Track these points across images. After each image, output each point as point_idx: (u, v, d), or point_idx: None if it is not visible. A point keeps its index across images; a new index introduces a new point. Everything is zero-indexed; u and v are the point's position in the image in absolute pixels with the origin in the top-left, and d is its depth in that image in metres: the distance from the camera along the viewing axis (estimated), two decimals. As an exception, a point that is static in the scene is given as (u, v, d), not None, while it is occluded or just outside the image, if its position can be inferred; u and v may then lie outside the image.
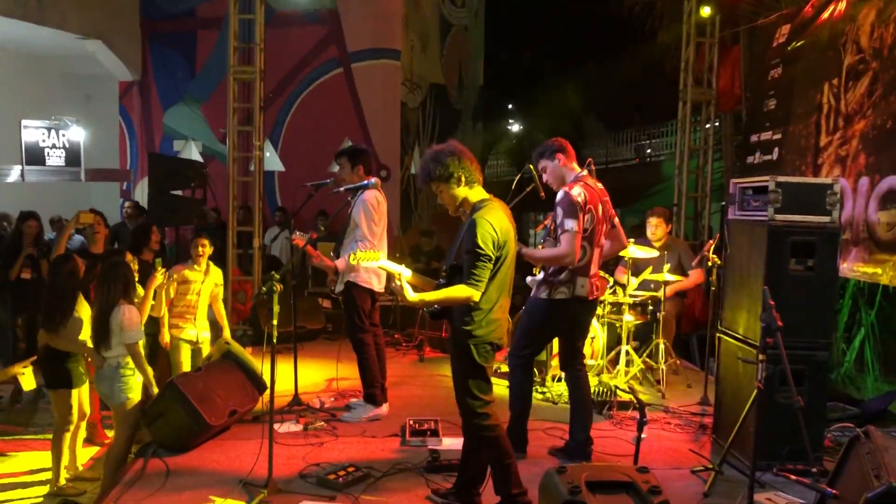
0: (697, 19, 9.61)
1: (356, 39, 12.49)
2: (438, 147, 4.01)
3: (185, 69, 12.45)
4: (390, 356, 7.49)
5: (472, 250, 3.73)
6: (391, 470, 4.70)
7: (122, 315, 4.99)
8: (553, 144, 4.98)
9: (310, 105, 12.45)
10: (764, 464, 4.59)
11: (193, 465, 4.82)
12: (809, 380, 4.69)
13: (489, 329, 3.88)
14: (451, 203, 4.00)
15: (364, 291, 5.76)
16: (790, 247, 4.68)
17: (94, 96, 13.92)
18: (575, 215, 4.67)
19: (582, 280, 4.80)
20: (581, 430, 4.92)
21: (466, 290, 3.72)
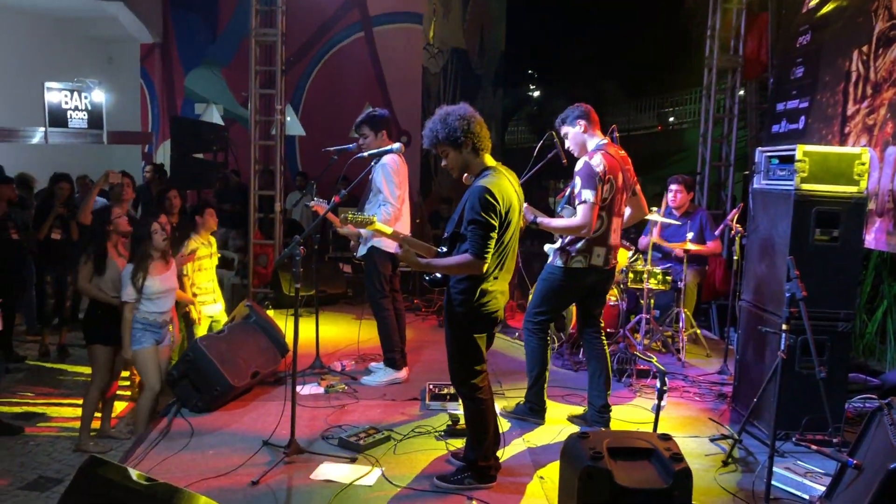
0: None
1: (378, 3, 12.39)
2: (448, 108, 3.90)
3: (207, 32, 12.41)
4: (410, 321, 7.53)
5: (475, 220, 3.67)
6: (411, 433, 4.76)
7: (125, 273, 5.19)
8: (575, 110, 4.92)
9: (331, 69, 12.39)
10: (783, 433, 4.60)
11: (217, 425, 4.89)
12: (831, 351, 4.67)
13: (482, 301, 3.84)
14: (456, 167, 3.94)
15: (386, 256, 5.78)
16: (815, 217, 4.64)
17: (115, 58, 13.94)
18: (593, 186, 4.63)
19: (599, 249, 4.79)
20: (599, 397, 4.94)
21: (473, 261, 3.68)
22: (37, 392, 7.00)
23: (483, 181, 3.77)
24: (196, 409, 5.09)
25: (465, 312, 3.86)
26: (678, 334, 6.77)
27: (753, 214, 5.27)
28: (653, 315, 6.83)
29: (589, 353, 5.07)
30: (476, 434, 4.05)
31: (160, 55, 12.53)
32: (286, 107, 9.98)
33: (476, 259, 3.67)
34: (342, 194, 4.47)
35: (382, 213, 5.50)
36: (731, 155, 9.85)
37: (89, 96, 10.27)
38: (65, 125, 9.99)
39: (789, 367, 4.50)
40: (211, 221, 6.39)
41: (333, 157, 5.79)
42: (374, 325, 5.92)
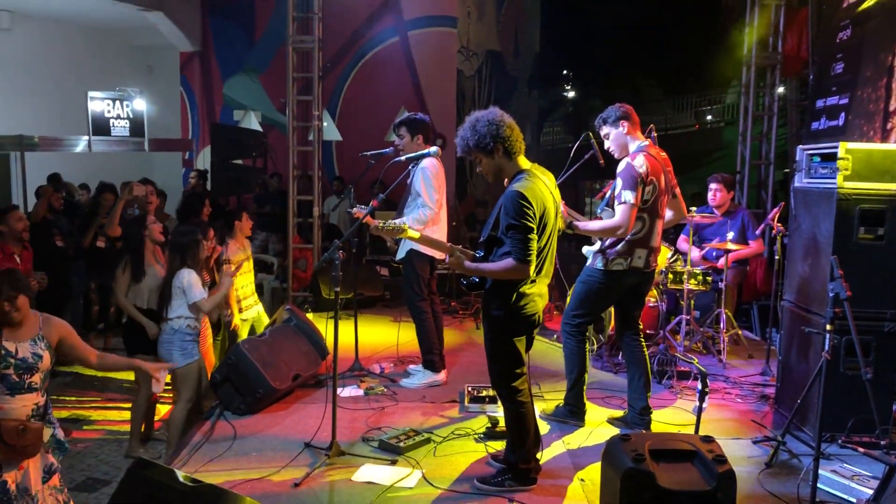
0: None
1: (413, 7, 12.44)
2: (477, 114, 3.91)
3: (244, 39, 12.57)
4: (447, 324, 7.56)
5: (511, 225, 3.68)
6: (451, 435, 4.78)
7: (182, 280, 5.18)
8: (618, 111, 4.89)
9: (367, 74, 12.47)
10: (828, 435, 4.53)
11: (259, 427, 4.96)
12: (877, 351, 4.58)
13: (520, 304, 3.84)
14: (490, 172, 3.95)
15: (425, 259, 5.81)
16: (859, 215, 4.56)
17: (156, 67, 14.19)
18: (634, 187, 4.61)
19: (640, 251, 4.76)
20: (639, 399, 4.92)
21: (518, 265, 3.68)
22: (83, 396, 7.15)
23: (516, 185, 3.78)
24: (239, 411, 5.16)
25: (504, 315, 3.87)
26: (719, 335, 6.70)
27: (795, 213, 5.19)
28: (693, 316, 6.76)
29: (628, 355, 5.04)
30: (516, 436, 4.05)
31: (199, 63, 12.72)
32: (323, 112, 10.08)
33: (520, 263, 3.68)
34: (380, 198, 4.50)
35: (419, 215, 5.54)
36: (771, 153, 9.72)
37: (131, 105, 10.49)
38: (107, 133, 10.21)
39: (834, 368, 4.43)
40: (246, 225, 6.48)
41: (371, 160, 5.83)
42: (413, 327, 5.96)
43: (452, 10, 12.71)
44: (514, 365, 3.98)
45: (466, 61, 13.89)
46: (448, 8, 12.64)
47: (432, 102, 12.49)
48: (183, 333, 5.28)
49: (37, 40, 11.89)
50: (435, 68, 12.57)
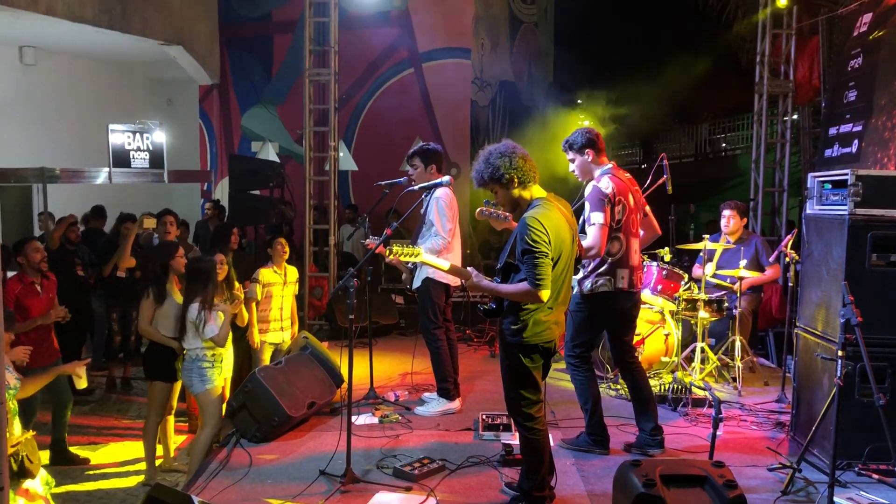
0: (774, 10, 9.41)
1: (427, 39, 12.62)
2: (490, 148, 4.01)
3: (262, 72, 12.78)
4: (462, 352, 7.57)
5: (527, 250, 3.74)
6: (465, 463, 4.79)
7: (193, 315, 5.26)
8: (584, 138, 4.96)
9: (382, 105, 12.63)
10: (844, 463, 4.51)
11: (275, 455, 5.00)
12: (892, 377, 4.57)
13: (536, 330, 3.88)
14: (508, 203, 4.03)
15: (440, 287, 5.86)
16: (871, 241, 4.57)
17: (175, 100, 14.42)
18: (601, 208, 4.70)
19: (622, 272, 4.84)
20: (648, 420, 4.95)
21: (532, 290, 3.73)
22: (103, 424, 7.22)
23: (531, 212, 3.85)
24: (254, 439, 5.21)
25: (520, 342, 3.91)
26: (734, 362, 6.68)
27: (807, 240, 5.21)
28: (707, 343, 6.76)
29: (629, 380, 5.10)
30: (531, 463, 4.07)
31: (218, 96, 12.93)
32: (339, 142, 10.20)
33: (534, 288, 3.73)
34: (394, 227, 4.57)
35: (433, 245, 5.60)
36: (784, 180, 9.73)
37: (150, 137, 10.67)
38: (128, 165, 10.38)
39: (849, 395, 4.42)
40: (280, 250, 6.53)
41: (385, 190, 5.92)
42: (427, 355, 5.99)
43: (466, 42, 12.88)
44: (530, 391, 4.00)
45: (480, 91, 14.05)
46: (462, 40, 12.81)
47: (447, 132, 12.62)
48: (200, 361, 5.34)
49: (60, 75, 12.14)
50: (449, 99, 12.71)
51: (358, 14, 11.56)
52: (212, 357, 5.37)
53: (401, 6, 12.48)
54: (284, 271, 6.55)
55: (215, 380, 5.40)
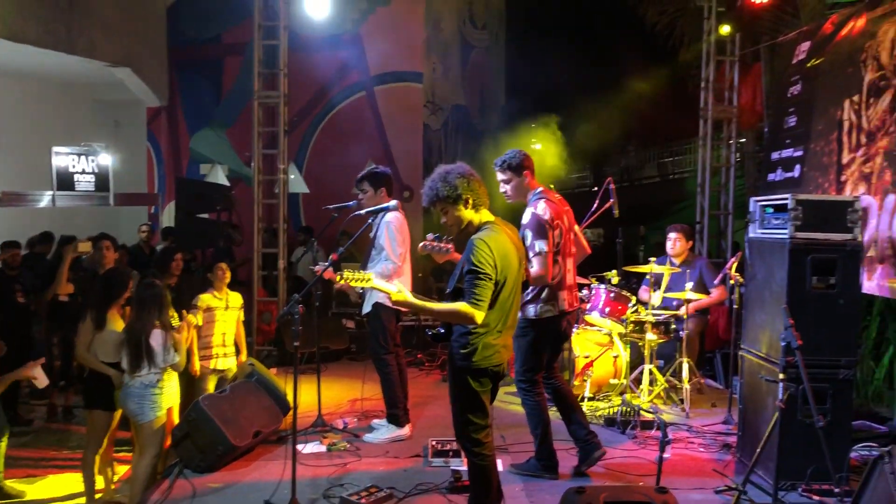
0: (717, 38, 9.64)
1: (378, 62, 12.64)
2: (448, 167, 3.98)
3: (212, 94, 12.64)
4: (413, 376, 7.53)
5: (470, 270, 3.72)
6: (413, 490, 4.73)
7: (159, 340, 5.17)
8: (522, 158, 4.99)
9: (333, 128, 12.59)
10: (788, 484, 4.57)
11: (218, 485, 4.88)
12: (833, 398, 4.64)
13: (485, 354, 3.85)
14: (456, 224, 3.98)
15: (391, 312, 5.81)
16: (811, 264, 4.66)
17: (122, 122, 14.19)
18: (544, 235, 4.74)
19: (562, 294, 4.91)
20: (580, 428, 5.01)
21: (469, 308, 3.68)
22: (41, 455, 6.98)
23: (479, 235, 3.84)
24: (198, 469, 5.09)
25: (468, 366, 3.87)
26: (682, 384, 6.74)
27: (751, 263, 5.30)
28: (656, 365, 6.82)
29: (554, 395, 5.13)
30: (479, 489, 4.02)
31: (166, 118, 12.75)
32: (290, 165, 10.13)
33: (472, 308, 3.69)
34: (340, 252, 4.52)
35: (383, 269, 5.56)
36: (729, 203, 9.92)
37: (96, 159, 10.47)
38: (72, 188, 10.16)
39: (791, 417, 4.49)
40: (220, 275, 6.42)
41: (334, 214, 5.86)
42: (378, 380, 5.93)
43: (418, 66, 12.93)
44: (478, 416, 3.96)
45: (433, 115, 14.10)
46: (414, 63, 12.86)
47: (399, 155, 12.62)
48: (154, 388, 5.24)
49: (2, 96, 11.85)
50: (401, 122, 12.73)
51: (309, 37, 11.53)
52: (160, 385, 5.26)
53: (352, 29, 12.48)
54: (226, 296, 6.43)
55: (164, 407, 5.29)
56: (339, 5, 10.14)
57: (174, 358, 5.28)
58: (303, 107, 12.24)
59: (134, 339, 5.21)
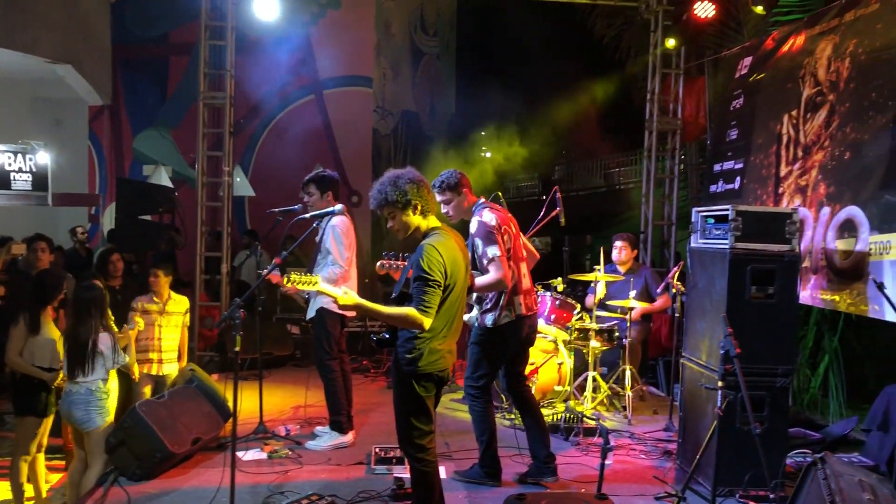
0: (663, 51, 9.81)
1: (328, 66, 12.57)
2: (398, 171, 3.95)
3: (157, 94, 12.40)
4: (358, 383, 7.48)
5: (419, 276, 3.71)
6: (355, 498, 4.68)
7: (107, 343, 5.10)
8: (458, 177, 5.03)
9: (281, 131, 12.47)
10: (726, 490, 4.64)
11: (156, 493, 4.76)
12: (770, 406, 4.74)
13: (431, 359, 3.84)
14: (403, 230, 3.96)
15: (336, 317, 5.76)
16: (750, 274, 4.76)
17: (63, 121, 13.80)
18: (494, 240, 4.76)
19: (517, 298, 4.92)
20: (541, 448, 4.99)
21: (416, 314, 3.67)
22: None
23: (428, 241, 3.83)
24: (134, 477, 4.95)
25: (414, 371, 3.84)
26: (624, 391, 6.82)
27: (692, 272, 5.39)
28: (599, 372, 6.88)
29: (521, 406, 5.14)
30: (422, 496, 3.98)
31: (109, 117, 12.46)
32: (236, 168, 9.97)
33: (420, 314, 3.68)
34: (283, 255, 4.45)
35: (329, 274, 5.51)
36: (672, 214, 10.09)
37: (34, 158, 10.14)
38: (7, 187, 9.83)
39: (730, 424, 4.56)
40: (153, 280, 6.29)
41: (279, 217, 5.78)
42: (322, 387, 5.86)
43: (368, 71, 12.90)
44: (422, 422, 3.93)
45: (382, 120, 14.07)
46: (363, 68, 12.82)
47: (348, 160, 12.55)
48: (100, 393, 5.13)
49: (-65, 91, 11.47)
50: (350, 127, 12.67)
51: (257, 39, 11.40)
52: (107, 389, 5.16)
53: (302, 32, 12.39)
54: (165, 301, 6.30)
55: (111, 413, 5.18)
56: (289, 7, 10.04)
57: (124, 359, 5.21)
58: (250, 109, 12.10)
59: (78, 343, 5.08)
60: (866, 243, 5.58)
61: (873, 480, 3.69)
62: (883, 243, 5.42)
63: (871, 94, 5.80)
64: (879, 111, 5.68)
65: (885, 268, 5.36)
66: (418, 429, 3.92)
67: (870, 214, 5.62)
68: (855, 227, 5.75)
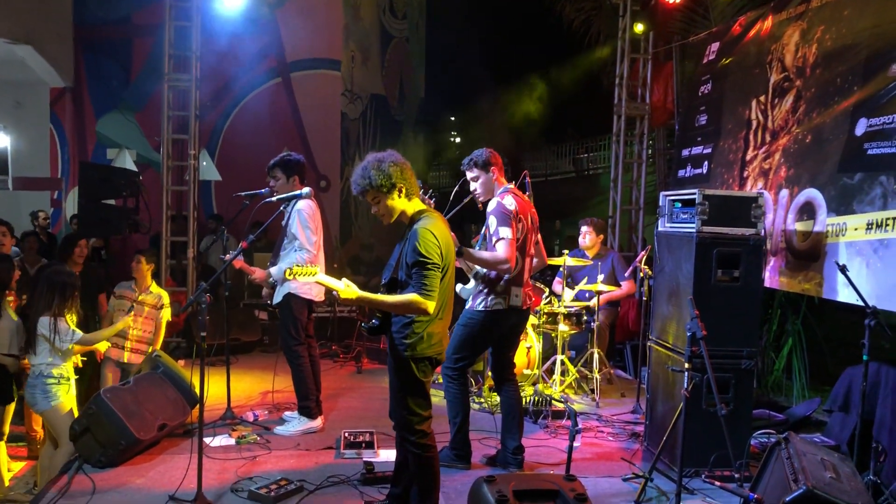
0: (631, 36, 9.84)
1: (295, 49, 12.43)
2: (380, 155, 3.87)
3: (120, 76, 12.15)
4: (327, 368, 7.45)
5: (418, 261, 3.67)
6: (324, 483, 4.66)
7: (45, 326, 5.00)
8: (488, 156, 5.02)
9: (248, 114, 12.31)
10: (692, 471, 4.70)
11: (121, 480, 4.70)
12: (735, 387, 4.80)
13: (429, 343, 3.82)
14: (388, 214, 3.91)
15: (303, 302, 5.71)
16: (716, 257, 4.80)
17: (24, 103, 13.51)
18: (508, 223, 4.74)
19: (516, 290, 4.87)
20: (512, 439, 4.99)
21: (421, 299, 3.64)
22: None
23: (420, 224, 3.79)
24: (99, 464, 4.88)
25: (413, 356, 3.81)
26: (592, 374, 6.87)
27: (659, 256, 5.42)
28: (568, 356, 6.92)
29: (504, 396, 5.12)
30: (425, 482, 3.91)
31: (71, 99, 12.21)
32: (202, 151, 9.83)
33: (424, 299, 3.65)
34: (249, 240, 4.41)
35: (297, 260, 5.46)
36: (640, 199, 10.15)
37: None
38: (-35, 170, 9.64)
39: (696, 405, 4.62)
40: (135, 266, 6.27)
41: (245, 201, 5.71)
42: (290, 372, 5.82)
43: (336, 54, 12.79)
44: (422, 407, 3.91)
45: (351, 104, 13.96)
46: (331, 51, 12.71)
47: (316, 144, 12.45)
48: (45, 377, 5.07)
49: None
50: (318, 110, 12.57)
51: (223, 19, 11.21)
52: (58, 374, 5.10)
53: (269, 14, 12.22)
54: (142, 292, 6.29)
55: (61, 396, 5.10)
56: (256, -12, 9.90)
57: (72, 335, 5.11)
58: (216, 92, 11.92)
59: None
60: (824, 225, 5.66)
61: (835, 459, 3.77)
62: (839, 225, 5.49)
63: (837, 79, 5.86)
64: (843, 96, 5.75)
65: (840, 249, 5.44)
66: (418, 414, 3.88)
67: (827, 197, 5.70)
68: (814, 209, 5.83)
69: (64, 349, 5.10)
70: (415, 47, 17.49)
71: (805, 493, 3.06)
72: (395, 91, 16.44)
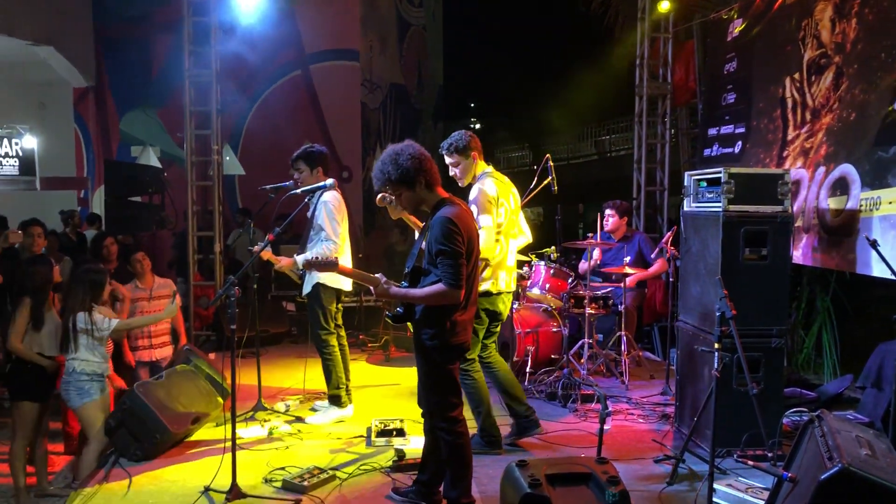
0: (652, 15, 9.72)
1: (314, 41, 12.46)
2: (398, 147, 3.88)
3: (141, 74, 12.28)
4: (355, 357, 7.48)
5: (443, 251, 3.67)
6: (356, 471, 4.70)
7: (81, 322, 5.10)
8: (468, 140, 5.02)
9: (269, 107, 12.38)
10: (724, 451, 4.68)
11: (156, 473, 4.77)
12: (765, 366, 4.77)
13: (454, 332, 3.82)
14: (412, 205, 3.94)
15: (332, 292, 5.75)
16: (744, 236, 4.76)
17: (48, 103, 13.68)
18: (489, 211, 4.77)
19: (502, 273, 4.94)
20: (518, 404, 5.06)
21: (449, 290, 3.65)
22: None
23: (443, 213, 3.78)
24: (135, 458, 4.95)
25: (440, 345, 3.81)
26: (621, 357, 6.85)
27: (685, 237, 5.39)
28: (595, 339, 6.90)
29: (489, 372, 5.14)
30: (458, 469, 3.93)
31: (94, 99, 12.35)
32: (225, 146, 9.89)
33: (451, 289, 3.66)
34: (276, 232, 4.43)
35: (324, 250, 5.49)
36: (665, 179, 10.06)
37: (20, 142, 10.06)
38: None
39: (726, 385, 4.59)
40: (137, 266, 6.34)
41: (270, 195, 5.75)
42: (319, 362, 5.87)
43: (354, 44, 12.78)
44: (451, 394, 3.92)
45: (370, 94, 13.96)
46: (350, 41, 12.71)
47: (337, 135, 12.48)
48: (78, 374, 5.15)
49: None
50: (338, 101, 12.59)
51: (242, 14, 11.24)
52: (91, 372, 5.19)
53: (287, 7, 12.24)
54: (151, 286, 6.35)
55: (95, 394, 5.18)
56: (273, -18, 9.91)
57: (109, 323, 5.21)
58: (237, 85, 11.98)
59: (64, 321, 5.19)
60: (857, 200, 5.58)
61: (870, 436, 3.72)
62: (873, 199, 5.41)
63: (881, 54, 5.70)
64: (887, 71, 5.60)
65: (874, 224, 5.37)
66: (450, 402, 3.90)
67: (862, 171, 5.61)
68: (847, 185, 5.74)
69: (103, 337, 5.18)
70: (432, 35, 17.44)
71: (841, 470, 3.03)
72: (413, 79, 16.42)
